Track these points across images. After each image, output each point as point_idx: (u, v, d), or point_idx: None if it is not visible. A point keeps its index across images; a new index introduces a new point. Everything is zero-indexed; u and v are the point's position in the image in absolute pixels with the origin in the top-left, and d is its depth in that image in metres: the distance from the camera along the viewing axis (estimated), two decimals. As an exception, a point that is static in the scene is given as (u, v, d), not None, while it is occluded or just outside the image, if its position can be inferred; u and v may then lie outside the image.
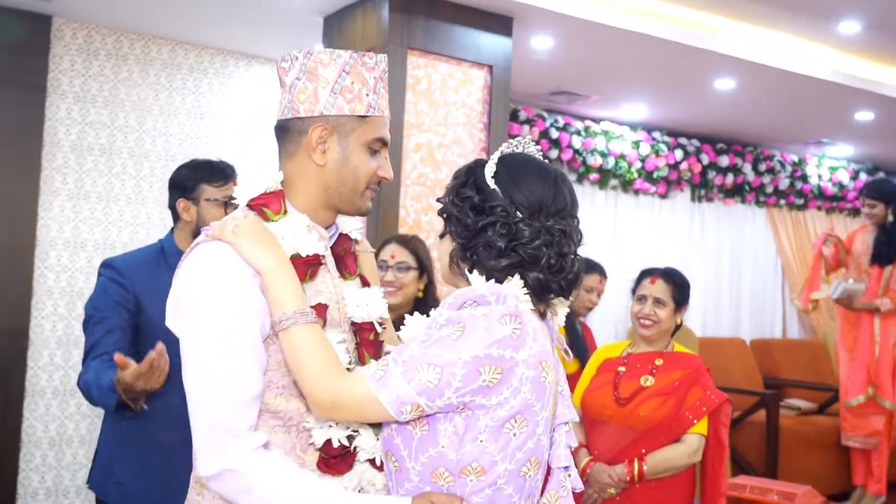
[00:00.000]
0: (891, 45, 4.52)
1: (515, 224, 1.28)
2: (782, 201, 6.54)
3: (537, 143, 5.19)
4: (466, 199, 1.32)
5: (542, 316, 1.34)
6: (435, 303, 2.33)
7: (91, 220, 3.86)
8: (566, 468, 1.37)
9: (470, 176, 1.36)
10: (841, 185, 6.78)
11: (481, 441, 1.21)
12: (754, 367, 5.73)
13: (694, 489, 2.60)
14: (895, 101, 4.97)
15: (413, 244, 2.49)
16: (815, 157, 6.66)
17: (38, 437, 3.69)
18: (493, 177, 1.32)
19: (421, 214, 3.42)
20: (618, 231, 5.75)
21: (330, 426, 1.32)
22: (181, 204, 2.26)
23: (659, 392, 2.57)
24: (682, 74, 4.59)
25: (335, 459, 1.33)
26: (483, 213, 1.30)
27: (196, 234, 2.09)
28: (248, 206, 1.37)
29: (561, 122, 5.30)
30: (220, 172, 2.28)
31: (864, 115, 5.35)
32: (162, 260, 2.21)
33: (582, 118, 5.46)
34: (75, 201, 3.83)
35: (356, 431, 1.35)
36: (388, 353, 1.28)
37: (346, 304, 1.42)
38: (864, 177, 6.81)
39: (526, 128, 5.09)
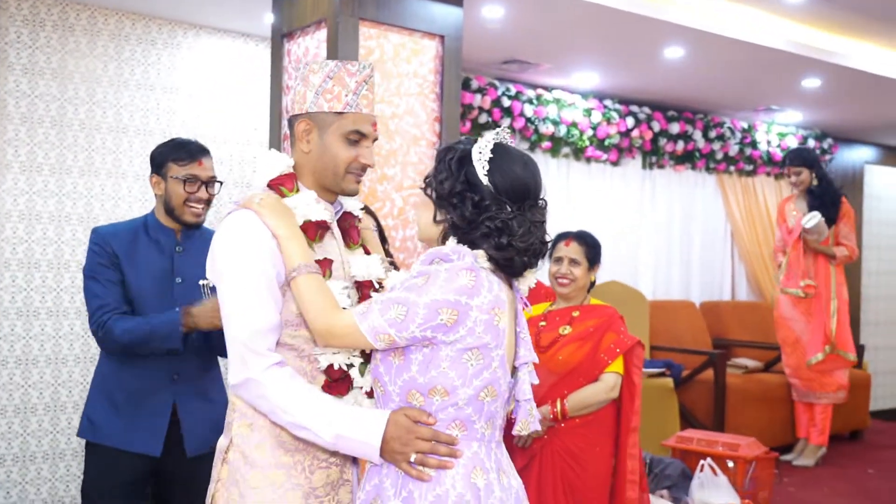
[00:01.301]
0: (836, 14, 4.67)
1: (509, 221, 1.55)
2: (732, 168, 6.71)
3: (489, 112, 5.27)
4: (466, 198, 1.56)
5: (510, 285, 1.62)
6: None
7: (45, 192, 3.85)
8: (528, 400, 1.65)
9: (461, 170, 1.58)
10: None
11: (444, 368, 1.51)
12: (704, 328, 5.94)
13: (616, 428, 2.82)
14: (841, 68, 5.13)
15: (371, 213, 2.58)
16: (764, 124, 6.83)
17: (3, 406, 3.72)
18: (486, 174, 1.57)
19: (376, 184, 3.48)
20: (570, 198, 5.86)
21: (333, 353, 1.64)
22: (153, 179, 2.47)
23: (576, 338, 2.84)
24: (632, 43, 4.68)
25: (336, 382, 1.66)
26: (479, 209, 1.56)
27: (167, 208, 2.45)
28: (268, 185, 1.71)
29: (513, 90, 5.37)
30: (184, 151, 2.45)
31: (812, 83, 5.51)
32: (143, 232, 2.46)
33: (534, 86, 5.53)
34: (28, 174, 3.81)
35: (352, 364, 1.66)
36: None
37: (350, 267, 1.75)
38: (812, 143, 7.01)
39: (478, 96, 5.15)
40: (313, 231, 1.68)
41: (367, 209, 2.07)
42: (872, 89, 5.66)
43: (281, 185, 1.71)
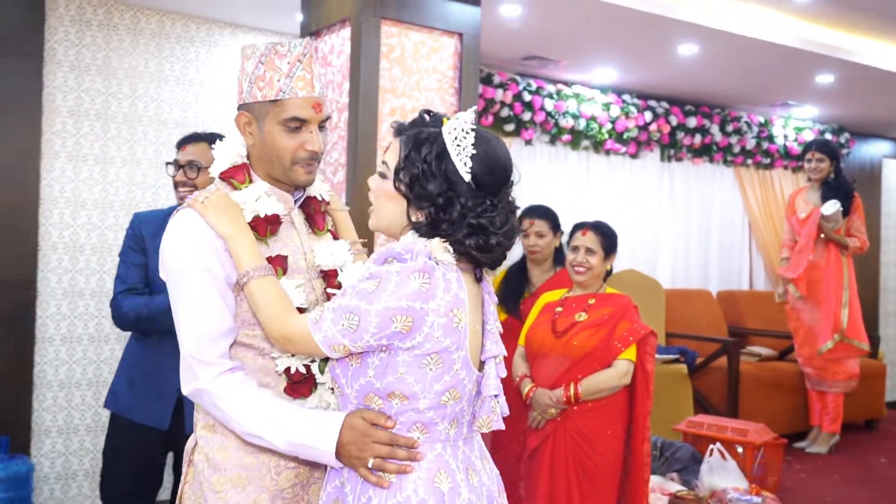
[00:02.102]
0: (844, 12, 4.79)
1: (493, 218, 1.47)
2: (749, 161, 6.83)
3: (511, 106, 5.44)
4: (454, 201, 1.45)
5: (479, 280, 1.53)
6: None
7: (90, 180, 4.12)
8: (496, 396, 1.56)
9: (441, 166, 1.46)
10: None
11: (401, 374, 1.43)
12: (720, 316, 6.07)
13: (628, 412, 2.92)
14: (852, 64, 5.24)
15: None
16: (781, 119, 6.93)
17: (49, 380, 4.00)
18: (468, 171, 1.46)
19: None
20: (590, 190, 6.04)
21: (291, 356, 1.58)
22: (168, 167, 2.72)
23: (591, 325, 2.92)
24: (647, 40, 4.84)
25: (298, 384, 1.60)
26: (464, 209, 1.46)
27: None
28: (219, 177, 1.64)
29: (534, 85, 5.55)
30: (184, 139, 2.71)
31: (825, 79, 5.62)
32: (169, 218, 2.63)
33: (554, 81, 5.71)
34: (74, 163, 4.09)
35: (313, 361, 1.60)
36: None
37: (314, 255, 1.68)
38: (829, 137, 7.09)
39: (500, 91, 5.34)
40: (263, 227, 1.59)
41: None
42: (886, 85, 5.75)
43: (231, 177, 1.63)
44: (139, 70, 4.24)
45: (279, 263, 1.59)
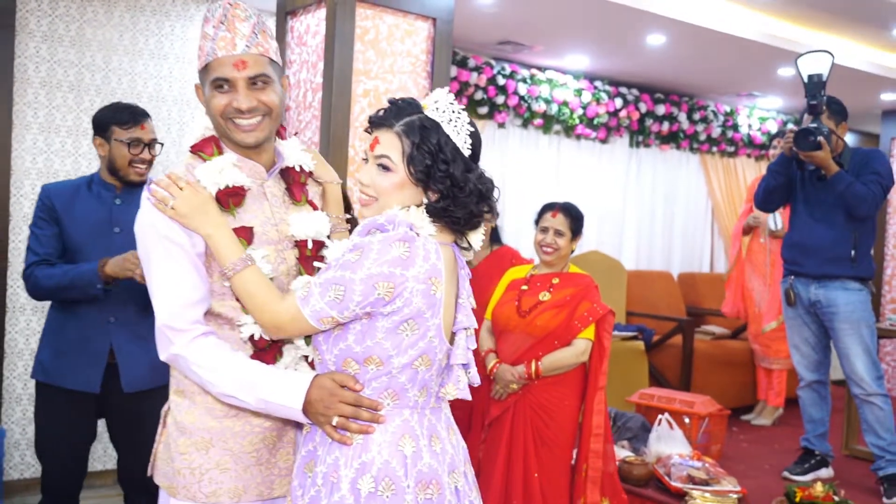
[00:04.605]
0: (803, 9, 4.94)
1: (488, 182, 1.60)
2: (714, 148, 7.01)
3: (485, 89, 5.52)
4: (465, 177, 1.56)
5: (462, 248, 1.63)
6: None
7: (62, 152, 4.15)
8: (465, 365, 1.64)
9: (448, 146, 1.55)
10: (770, 135, 7.26)
11: (379, 339, 1.51)
12: (679, 297, 6.28)
13: (584, 386, 3.10)
14: (813, 58, 5.40)
15: None
16: (746, 108, 7.11)
17: (20, 349, 4.05)
18: (469, 148, 1.58)
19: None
20: (560, 173, 6.17)
21: (255, 323, 1.61)
22: (96, 141, 2.71)
23: (553, 305, 3.06)
24: (617, 29, 4.95)
25: (262, 352, 1.65)
26: (472, 180, 1.57)
27: (111, 169, 2.71)
28: (190, 150, 1.68)
29: (508, 69, 5.64)
30: (128, 114, 2.68)
31: (787, 71, 5.78)
32: (86, 188, 2.72)
33: (528, 66, 5.80)
34: (46, 134, 4.11)
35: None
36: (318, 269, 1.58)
37: (287, 226, 1.71)
38: (791, 127, 7.26)
39: (474, 74, 5.42)
40: (225, 199, 1.62)
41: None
42: (844, 80, 5.92)
43: (201, 150, 1.67)
44: (113, 42, 4.25)
45: (244, 234, 1.62)
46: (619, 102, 6.22)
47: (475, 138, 1.61)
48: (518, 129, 5.91)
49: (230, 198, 1.63)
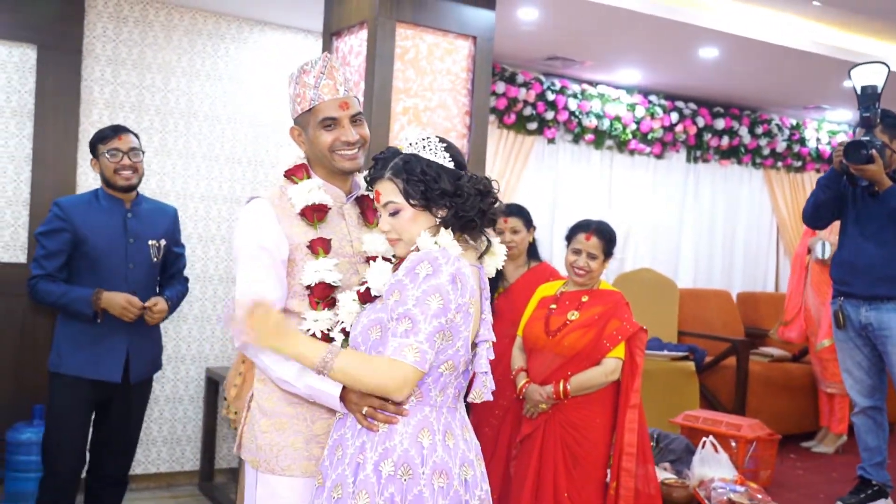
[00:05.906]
0: (868, 20, 4.76)
1: (484, 180, 1.82)
2: (780, 163, 6.80)
3: (534, 105, 5.52)
4: (458, 186, 1.77)
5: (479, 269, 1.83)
6: None
7: (122, 169, 4.38)
8: (485, 373, 1.84)
9: (432, 167, 1.76)
10: (839, 149, 6.99)
11: None
12: (737, 317, 6.09)
13: (616, 404, 3.04)
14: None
15: None
16: (814, 122, 6.87)
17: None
18: (450, 160, 1.80)
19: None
20: (613, 189, 6.10)
21: (315, 320, 1.87)
22: (91, 162, 3.09)
23: (581, 325, 3.03)
24: (667, 44, 4.88)
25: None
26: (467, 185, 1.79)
27: (105, 181, 3.06)
28: (283, 175, 1.98)
29: (558, 84, 5.63)
30: (108, 131, 3.04)
31: (850, 83, 5.55)
32: (96, 202, 3.05)
33: (579, 81, 5.77)
34: (108, 153, 4.34)
35: (331, 329, 1.87)
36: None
37: (361, 244, 1.98)
38: (842, 139, 6.99)
39: (523, 90, 5.44)
40: (310, 214, 1.92)
41: None
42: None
43: (293, 174, 1.98)
44: (172, 65, 4.46)
45: (321, 244, 1.90)
46: (674, 117, 6.11)
47: (451, 150, 1.82)
48: (569, 144, 5.88)
49: (315, 213, 1.92)
